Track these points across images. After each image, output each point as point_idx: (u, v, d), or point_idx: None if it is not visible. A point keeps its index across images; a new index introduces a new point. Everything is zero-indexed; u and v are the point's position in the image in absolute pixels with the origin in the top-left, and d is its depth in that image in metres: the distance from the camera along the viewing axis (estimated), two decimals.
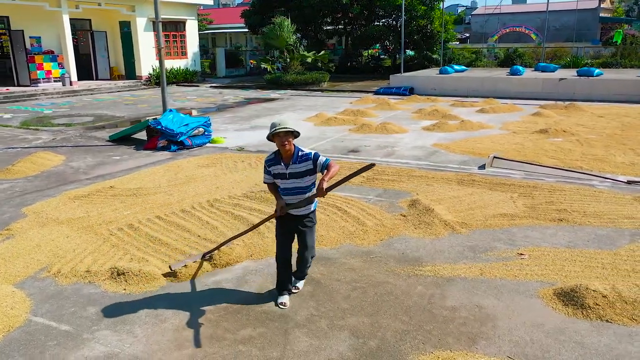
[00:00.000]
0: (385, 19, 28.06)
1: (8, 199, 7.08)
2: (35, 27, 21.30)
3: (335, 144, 10.57)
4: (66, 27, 20.86)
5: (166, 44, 25.71)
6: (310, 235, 4.18)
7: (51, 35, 21.64)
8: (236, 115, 15.13)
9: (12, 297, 4.26)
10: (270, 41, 23.58)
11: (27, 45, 21.11)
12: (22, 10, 20.36)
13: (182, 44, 26.59)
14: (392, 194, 7.08)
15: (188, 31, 26.73)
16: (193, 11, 27.07)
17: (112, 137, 11.28)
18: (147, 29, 24.36)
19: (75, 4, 21.29)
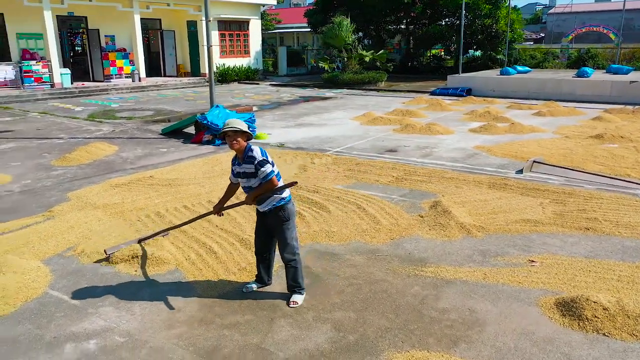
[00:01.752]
0: (449, 18, 27.44)
1: (58, 184, 7.70)
2: (109, 27, 22.77)
3: (375, 143, 10.56)
4: (137, 27, 22.11)
5: (229, 43, 26.61)
6: (282, 232, 4.07)
7: (124, 34, 23.03)
8: (286, 112, 15.43)
9: (37, 271, 4.68)
10: (328, 40, 23.77)
11: (102, 44, 22.60)
12: (98, 11, 21.82)
13: (245, 42, 27.38)
14: (417, 194, 7.02)
15: (251, 30, 27.49)
16: (257, 11, 27.79)
17: (164, 130, 11.90)
18: (213, 28, 25.26)
19: (146, 4, 22.51)
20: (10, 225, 5.94)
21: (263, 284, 4.42)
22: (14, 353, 3.51)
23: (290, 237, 4.11)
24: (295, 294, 4.21)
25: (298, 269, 4.17)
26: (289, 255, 4.12)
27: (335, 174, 8.08)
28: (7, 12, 19.64)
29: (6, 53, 20.15)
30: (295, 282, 4.20)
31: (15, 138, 11.46)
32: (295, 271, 4.16)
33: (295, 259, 4.14)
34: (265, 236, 4.23)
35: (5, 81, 19.31)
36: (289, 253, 4.11)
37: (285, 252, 4.11)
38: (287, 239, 4.09)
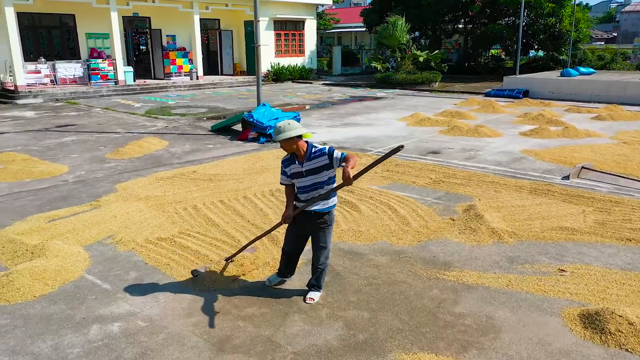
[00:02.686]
0: (509, 17, 26.54)
1: (109, 176, 8.15)
2: (171, 27, 23.71)
3: (419, 144, 10.44)
4: (196, 27, 22.89)
5: (285, 42, 27.00)
6: (324, 236, 4.13)
7: (184, 33, 23.91)
8: (334, 112, 15.52)
9: (77, 256, 5.00)
10: (382, 40, 23.62)
11: (164, 43, 23.57)
12: (161, 12, 22.77)
13: (300, 42, 27.69)
14: (453, 197, 6.90)
15: (307, 30, 27.77)
16: (312, 11, 28.04)
17: (214, 127, 12.29)
18: (268, 28, 25.81)
19: (206, 5, 23.26)
20: (61, 212, 6.37)
21: (285, 277, 4.54)
22: (45, 330, 3.79)
23: (328, 241, 4.20)
24: (313, 291, 4.29)
25: (325, 271, 4.27)
26: (323, 259, 4.19)
27: (373, 174, 8.07)
28: (78, 13, 20.89)
29: (76, 52, 21.44)
30: (318, 282, 4.29)
31: (77, 131, 12.21)
32: (321, 273, 4.25)
33: (327, 262, 4.25)
34: (300, 238, 4.28)
35: (74, 78, 20.55)
36: (324, 257, 4.19)
37: (321, 255, 4.17)
38: (325, 243, 4.17)
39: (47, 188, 7.50)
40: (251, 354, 3.51)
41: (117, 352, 3.52)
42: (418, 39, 29.08)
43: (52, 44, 21.00)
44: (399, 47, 23.43)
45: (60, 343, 3.63)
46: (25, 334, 3.73)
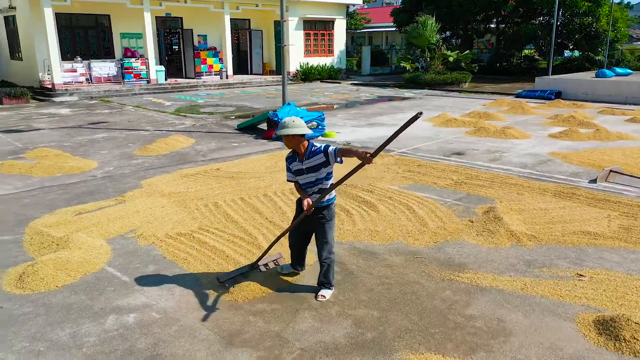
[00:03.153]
0: (543, 16, 25.96)
1: (135, 172, 8.37)
2: (202, 27, 24.11)
3: (443, 145, 10.34)
4: (226, 27, 23.21)
5: (314, 42, 27.08)
6: (324, 231, 4.18)
7: (215, 33, 24.27)
8: (361, 112, 15.50)
9: (99, 249, 5.17)
10: (412, 40, 23.47)
11: (195, 42, 23.99)
12: (192, 12, 23.18)
13: (330, 42, 27.74)
14: (474, 199, 6.83)
15: (336, 30, 27.79)
16: (342, 11, 28.04)
17: (239, 126, 12.45)
18: (298, 27, 25.95)
19: (237, 5, 23.55)
20: (87, 206, 6.59)
21: (296, 270, 4.63)
22: (65, 319, 3.94)
23: (330, 236, 4.23)
24: (324, 289, 4.32)
25: (331, 267, 4.30)
26: (326, 254, 4.22)
27: (394, 174, 8.05)
28: (113, 13, 21.45)
29: (111, 51, 22.03)
30: (327, 278, 4.32)
31: (108, 129, 12.56)
32: (328, 268, 4.28)
33: (331, 257, 4.26)
34: (303, 233, 4.39)
35: (108, 77, 21.13)
36: (327, 251, 4.22)
37: (324, 250, 4.22)
38: (327, 238, 4.21)
39: (76, 183, 7.75)
40: (259, 348, 3.57)
41: (131, 342, 3.63)
42: (449, 39, 28.76)
43: (88, 43, 21.63)
44: (428, 47, 23.22)
45: (78, 331, 3.77)
46: (46, 322, 3.89)
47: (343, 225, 5.87)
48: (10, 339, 3.68)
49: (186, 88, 21.78)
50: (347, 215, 6.14)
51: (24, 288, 4.38)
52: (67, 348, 3.57)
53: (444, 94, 20.42)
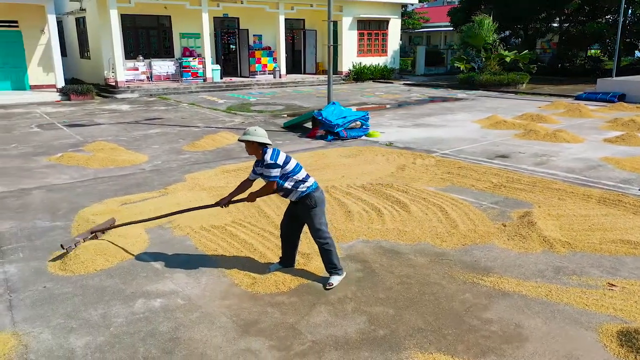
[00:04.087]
0: (610, 15, 24.65)
1: (181, 167, 8.75)
2: (257, 27, 24.64)
3: (488, 147, 10.12)
4: (281, 27, 23.61)
5: (367, 42, 27.03)
6: (310, 219, 4.39)
7: (270, 33, 24.75)
8: (409, 112, 15.37)
9: (138, 237, 5.49)
10: (467, 40, 22.94)
11: (250, 42, 24.57)
12: (248, 12, 23.75)
13: (384, 42, 27.58)
14: (511, 203, 6.67)
15: (390, 30, 27.60)
16: (397, 10, 27.81)
17: (286, 124, 12.69)
18: (352, 27, 25.99)
19: (291, 5, 23.91)
20: (133, 197, 6.98)
21: (285, 266, 4.76)
22: (98, 300, 4.24)
23: (318, 222, 4.41)
24: (333, 275, 4.51)
25: (332, 251, 4.46)
26: (320, 240, 4.43)
27: (432, 175, 7.98)
28: (174, 14, 22.33)
29: (171, 50, 22.95)
30: (331, 263, 4.49)
31: (162, 125, 13.15)
32: (330, 253, 4.46)
33: (327, 242, 4.44)
34: (291, 221, 4.60)
35: (167, 75, 22.04)
36: (320, 237, 4.42)
37: (316, 236, 4.43)
38: (315, 225, 4.41)
39: (126, 175, 8.21)
40: (272, 338, 3.70)
41: (154, 325, 3.86)
42: (508, 39, 27.89)
43: (150, 43, 22.63)
44: (484, 47, 22.63)
45: (108, 312, 4.04)
46: (82, 302, 4.20)
47: (372, 224, 5.91)
48: (49, 315, 4.01)
49: (240, 86, 22.35)
50: (377, 215, 6.17)
51: (66, 270, 4.73)
52: (96, 327, 3.84)
53: (499, 95, 19.86)
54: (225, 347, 3.60)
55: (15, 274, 4.72)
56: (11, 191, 7.35)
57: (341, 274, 4.53)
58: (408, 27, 43.42)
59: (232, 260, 4.98)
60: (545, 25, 26.95)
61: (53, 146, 10.42)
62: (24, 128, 12.67)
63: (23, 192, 7.28)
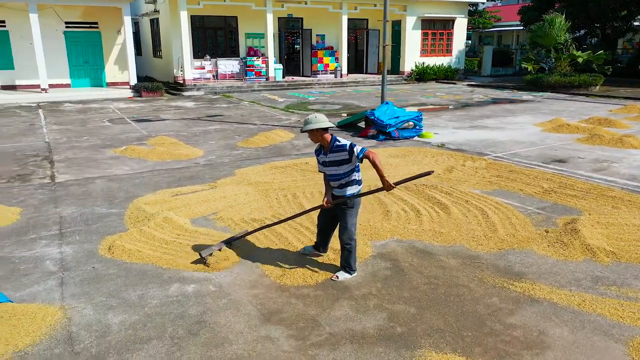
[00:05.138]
0: None
1: (233, 162, 9.10)
2: (320, 27, 24.92)
3: (545, 151, 9.73)
4: (344, 27, 23.75)
5: (432, 42, 26.58)
6: (344, 217, 4.48)
7: (332, 33, 24.95)
8: (467, 113, 15.02)
9: (182, 227, 5.80)
10: (537, 39, 22.02)
11: (313, 42, 24.89)
12: (312, 12, 24.08)
13: (449, 41, 27.02)
14: (559, 209, 6.42)
15: (456, 29, 26.98)
16: (463, 9, 27.13)
17: (339, 123, 12.80)
18: (415, 27, 25.68)
19: (355, 5, 23.98)
20: (184, 189, 7.36)
21: (318, 251, 4.98)
22: (139, 281, 4.55)
23: (350, 223, 4.49)
24: (344, 272, 4.62)
25: (352, 252, 4.57)
26: (346, 239, 4.53)
27: (480, 178, 7.81)
28: (240, 15, 23.06)
29: (236, 50, 23.71)
30: (347, 263, 4.62)
31: (221, 121, 13.67)
32: (349, 254, 4.57)
33: (351, 243, 4.54)
34: (329, 216, 4.72)
35: (232, 74, 22.81)
36: (347, 237, 4.52)
37: (344, 235, 4.53)
38: (347, 224, 4.51)
39: (180, 168, 8.65)
40: (291, 327, 3.83)
41: (184, 308, 4.11)
42: (583, 38, 26.47)
43: (217, 42, 23.49)
44: (554, 47, 21.64)
45: (145, 294, 4.34)
46: (123, 283, 4.53)
47: (409, 224, 5.90)
48: (93, 293, 4.36)
49: (301, 86, 22.71)
50: (415, 215, 6.16)
51: (113, 253, 5.10)
52: (133, 306, 4.14)
53: (568, 97, 18.94)
54: (246, 332, 3.77)
55: (70, 254, 5.15)
56: (77, 180, 7.96)
57: (352, 274, 4.62)
58: (478, 27, 42.22)
59: (265, 252, 5.16)
60: (625, 24, 25.33)
61: (120, 139, 11.14)
62: (97, 122, 13.60)
63: (87, 181, 7.87)
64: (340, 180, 4.45)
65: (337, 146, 4.37)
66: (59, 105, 16.99)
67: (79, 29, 20.61)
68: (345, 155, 4.32)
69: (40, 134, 11.90)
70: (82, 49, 20.80)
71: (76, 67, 20.87)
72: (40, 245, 5.39)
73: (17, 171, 8.49)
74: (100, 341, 3.66)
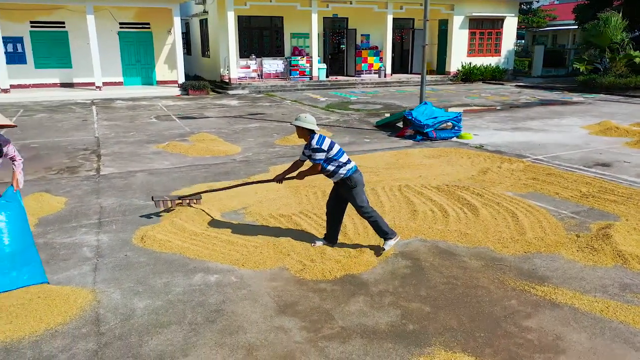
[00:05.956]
0: None
1: (268, 159, 9.29)
2: (365, 26, 24.90)
3: (589, 154, 9.39)
4: (389, 26, 23.64)
5: (479, 42, 26.03)
6: (352, 198, 4.95)
7: (377, 33, 24.88)
8: (511, 115, 14.65)
9: (212, 220, 6.01)
10: (591, 39, 21.19)
11: (358, 42, 24.90)
12: (357, 12, 24.10)
13: (497, 41, 26.36)
14: (595, 214, 6.21)
15: (505, 29, 26.29)
16: (514, 8, 26.38)
17: (378, 123, 12.79)
18: (463, 27, 25.21)
19: (400, 4, 23.81)
20: (217, 184, 7.58)
21: (329, 242, 5.24)
22: (165, 271, 4.76)
23: (360, 200, 4.97)
24: (386, 241, 5.02)
25: (378, 221, 4.99)
26: (365, 215, 5.00)
27: (515, 180, 7.65)
28: (286, 15, 23.37)
29: (281, 50, 24.05)
30: (382, 232, 5.01)
31: (262, 120, 13.93)
32: (377, 223, 4.99)
33: (372, 215, 4.98)
34: (336, 201, 5.16)
35: (276, 73, 23.16)
36: (364, 213, 4.99)
37: (361, 212, 5.01)
38: (358, 203, 4.97)
39: (218, 164, 8.91)
40: (305, 320, 3.92)
41: (205, 297, 4.28)
42: None
43: (262, 42, 23.91)
44: (609, 47, 20.74)
45: (170, 282, 4.54)
46: (151, 271, 4.75)
47: (435, 224, 5.87)
48: (122, 279, 4.60)
49: (344, 85, 22.78)
50: (443, 216, 6.12)
51: (145, 243, 5.36)
52: (157, 292, 4.35)
53: (622, 99, 18.11)
54: (260, 322, 3.89)
55: (105, 242, 5.45)
56: (120, 173, 8.36)
57: (394, 237, 5.02)
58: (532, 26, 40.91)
59: (289, 247, 5.27)
60: None
61: (163, 135, 11.57)
62: (145, 119, 14.16)
63: (129, 174, 8.25)
64: (324, 172, 4.99)
65: (312, 146, 4.89)
66: (111, 102, 17.80)
67: (132, 29, 21.49)
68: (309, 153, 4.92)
69: (91, 129, 12.52)
70: (134, 49, 21.67)
71: (128, 66, 21.78)
72: (80, 232, 5.72)
73: (67, 164, 9.00)
74: (124, 323, 3.88)
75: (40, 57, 20.21)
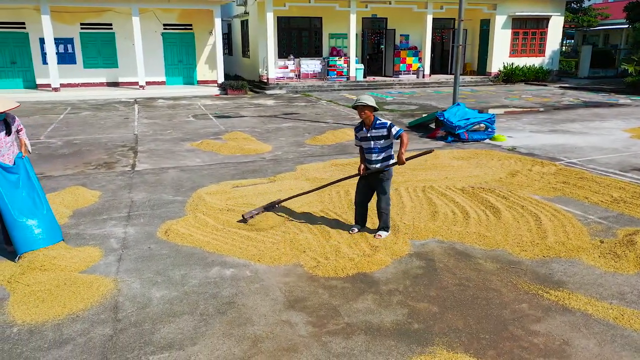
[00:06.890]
0: None
1: (297, 158, 9.42)
2: (405, 27, 24.72)
3: (627, 159, 9.06)
4: (428, 27, 23.39)
5: (522, 42, 25.36)
6: (382, 186, 5.38)
7: (417, 33, 24.66)
8: (550, 117, 14.25)
9: (234, 215, 6.18)
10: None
11: (397, 42, 24.75)
12: (396, 12, 23.97)
13: (542, 41, 25.61)
14: (624, 220, 6.02)
15: (550, 28, 25.51)
16: (560, 7, 25.56)
17: (411, 123, 12.72)
18: (505, 26, 24.65)
19: (441, 4, 23.52)
20: (244, 182, 7.78)
21: (361, 226, 5.67)
22: (184, 263, 4.95)
23: (386, 189, 5.44)
24: (382, 231, 5.52)
25: (388, 215, 5.50)
26: (384, 205, 5.43)
27: (544, 184, 7.48)
28: (324, 16, 23.50)
29: (319, 50, 24.20)
30: (385, 224, 5.53)
31: (296, 119, 14.10)
32: (387, 217, 5.49)
33: (388, 208, 5.46)
34: (367, 191, 5.56)
35: (314, 73, 23.33)
36: (384, 202, 5.43)
37: (382, 201, 5.43)
38: (387, 192, 5.44)
39: (247, 162, 9.12)
40: (312, 315, 4.01)
41: (219, 289, 4.43)
42: None
43: (301, 43, 24.13)
44: None
45: (188, 274, 4.73)
46: (170, 263, 4.95)
47: (454, 226, 5.84)
48: (144, 270, 4.82)
49: (381, 86, 22.71)
50: (463, 217, 6.07)
51: (169, 236, 5.58)
52: (174, 284, 4.54)
53: None
54: (269, 316, 4.01)
55: (132, 234, 5.70)
56: (153, 169, 8.68)
57: (389, 231, 5.54)
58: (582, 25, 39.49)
59: (305, 244, 5.36)
60: None
61: (199, 133, 11.91)
62: (182, 117, 14.60)
63: (162, 170, 8.56)
64: (381, 154, 5.28)
65: (379, 124, 5.24)
66: (152, 101, 18.41)
67: (175, 30, 22.14)
68: (384, 132, 5.20)
69: (131, 126, 13.02)
70: (177, 49, 22.32)
71: (171, 66, 22.44)
72: (110, 225, 6.01)
73: (105, 159, 9.41)
74: (140, 312, 4.07)
75: (89, 57, 21.12)
